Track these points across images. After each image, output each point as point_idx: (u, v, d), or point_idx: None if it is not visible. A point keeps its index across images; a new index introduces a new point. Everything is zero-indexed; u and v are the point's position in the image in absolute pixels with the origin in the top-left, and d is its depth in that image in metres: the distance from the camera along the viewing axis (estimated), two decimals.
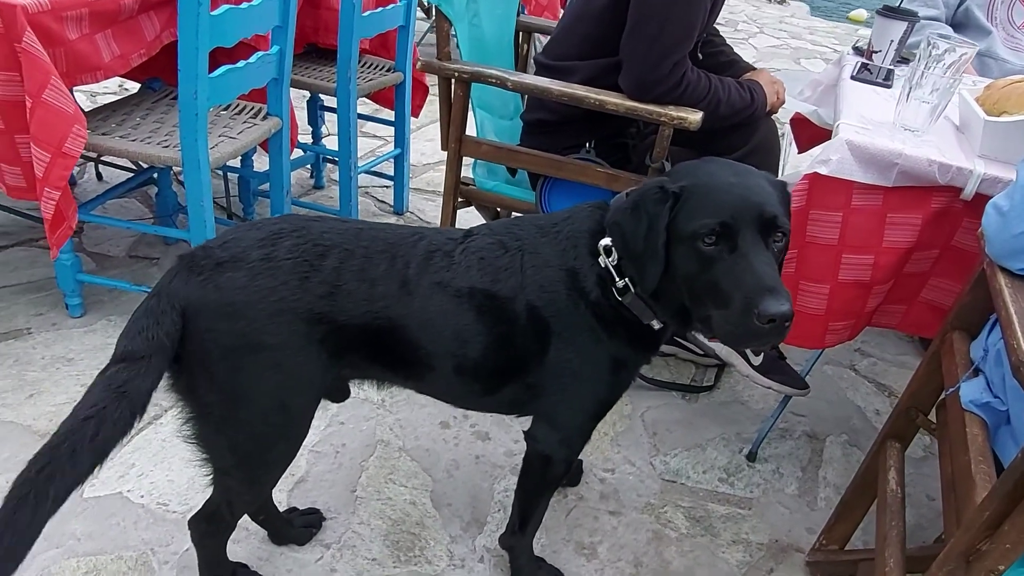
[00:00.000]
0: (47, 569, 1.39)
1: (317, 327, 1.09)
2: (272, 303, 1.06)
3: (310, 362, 1.11)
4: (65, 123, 1.58)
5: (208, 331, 1.06)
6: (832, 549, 1.55)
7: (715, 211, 1.00)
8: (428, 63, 1.78)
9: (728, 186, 1.03)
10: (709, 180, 1.05)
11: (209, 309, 1.05)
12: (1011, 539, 0.80)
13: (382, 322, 1.12)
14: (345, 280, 1.10)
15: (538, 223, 1.22)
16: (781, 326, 0.96)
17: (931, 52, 1.39)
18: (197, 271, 1.06)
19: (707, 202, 1.02)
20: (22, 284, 2.21)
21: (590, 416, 1.29)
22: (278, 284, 1.07)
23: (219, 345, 1.06)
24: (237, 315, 1.05)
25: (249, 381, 1.09)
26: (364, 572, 1.47)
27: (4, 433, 1.68)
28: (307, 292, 1.08)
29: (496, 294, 1.15)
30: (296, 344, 1.09)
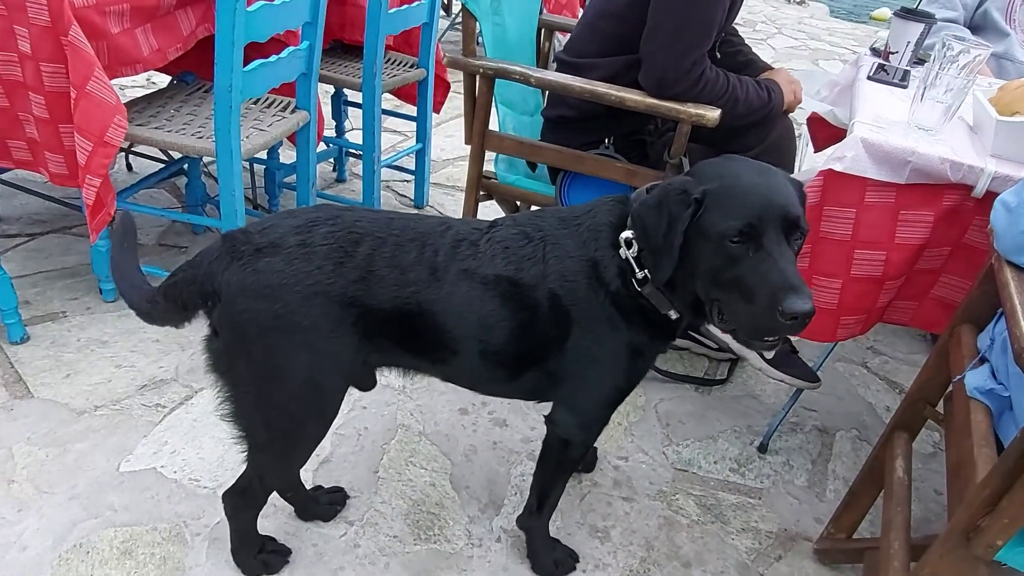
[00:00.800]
0: (87, 537, 1.46)
1: (349, 310, 1.15)
2: (307, 286, 1.12)
3: (342, 344, 1.17)
4: (107, 113, 1.64)
5: (245, 312, 1.12)
6: (840, 538, 1.59)
7: (742, 212, 1.05)
8: (455, 59, 1.83)
9: (754, 187, 1.08)
10: (735, 181, 1.09)
11: (247, 291, 1.11)
12: (1009, 514, 0.84)
13: (411, 307, 1.18)
14: (377, 266, 1.16)
15: (560, 215, 1.26)
16: (802, 322, 1.01)
17: (945, 53, 1.42)
18: (237, 256, 1.13)
19: (734, 203, 1.06)
20: (56, 270, 2.29)
21: (608, 402, 1.34)
22: (313, 269, 1.12)
23: (257, 325, 1.12)
24: (274, 297, 1.11)
25: (284, 360, 1.15)
26: (386, 548, 1.52)
27: (44, 410, 1.75)
28: (341, 277, 1.13)
29: (519, 281, 1.19)
30: (329, 326, 1.14)
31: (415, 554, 1.52)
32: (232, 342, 1.15)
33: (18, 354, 1.92)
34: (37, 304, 2.12)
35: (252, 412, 1.22)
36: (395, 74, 2.62)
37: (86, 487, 1.57)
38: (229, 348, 1.16)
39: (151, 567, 1.42)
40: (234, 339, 1.15)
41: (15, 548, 1.42)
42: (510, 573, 1.51)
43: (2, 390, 1.80)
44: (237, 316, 1.13)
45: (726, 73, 1.72)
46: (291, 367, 1.16)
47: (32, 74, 1.71)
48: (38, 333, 2.00)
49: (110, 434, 1.71)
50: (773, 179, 1.10)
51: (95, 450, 1.66)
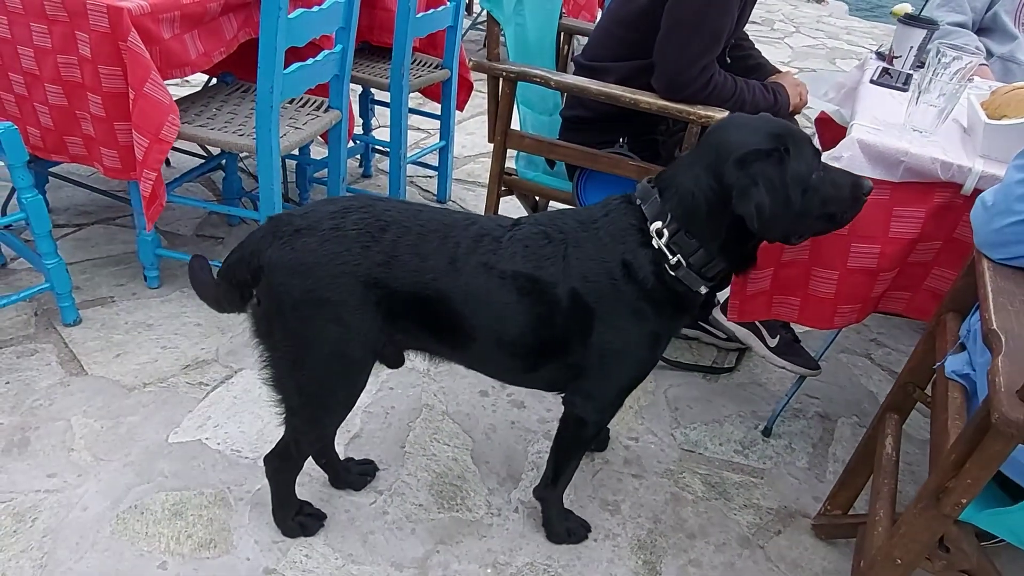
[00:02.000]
0: (141, 500, 1.60)
1: (373, 290, 1.26)
2: (337, 266, 1.24)
3: (366, 320, 1.28)
4: (162, 113, 1.79)
5: (282, 285, 1.25)
6: (836, 514, 1.70)
7: (811, 146, 1.28)
8: (479, 63, 1.95)
9: (783, 126, 1.28)
10: (771, 129, 1.27)
11: (285, 267, 1.25)
12: (972, 475, 0.95)
13: (431, 293, 1.29)
14: (400, 252, 1.27)
15: (579, 218, 1.35)
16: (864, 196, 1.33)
17: (939, 60, 1.52)
18: (279, 236, 1.26)
19: (798, 143, 1.25)
20: (103, 258, 2.44)
21: (626, 388, 1.46)
22: (343, 250, 1.24)
23: (291, 297, 1.25)
24: (307, 273, 1.24)
25: (314, 330, 1.28)
26: (412, 515, 1.65)
27: (99, 386, 1.90)
28: (367, 259, 1.25)
29: (538, 279, 1.29)
30: (354, 303, 1.26)
31: (439, 521, 1.65)
32: (270, 311, 1.29)
33: (72, 335, 2.07)
34: (87, 289, 2.27)
35: (287, 376, 1.35)
36: (420, 74, 2.74)
37: (138, 455, 1.71)
38: (268, 316, 1.30)
39: (199, 527, 1.56)
40: (272, 309, 1.28)
41: (77, 508, 1.57)
42: (526, 539, 1.64)
43: (59, 367, 1.95)
44: (275, 288, 1.26)
45: (734, 77, 1.82)
46: (320, 337, 1.28)
47: (91, 76, 1.85)
48: (89, 316, 2.15)
49: (158, 409, 1.85)
50: (768, 117, 1.33)
51: (145, 423, 1.81)
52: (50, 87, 1.94)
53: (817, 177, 1.27)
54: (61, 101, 1.96)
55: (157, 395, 1.90)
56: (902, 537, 1.07)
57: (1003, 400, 0.84)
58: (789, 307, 1.71)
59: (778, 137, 1.24)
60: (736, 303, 1.73)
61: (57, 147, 2.06)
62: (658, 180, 1.32)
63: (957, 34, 2.48)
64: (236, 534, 1.56)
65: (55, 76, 1.91)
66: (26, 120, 2.04)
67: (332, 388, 1.37)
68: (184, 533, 1.54)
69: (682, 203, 1.28)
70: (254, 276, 1.28)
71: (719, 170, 1.24)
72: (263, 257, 1.26)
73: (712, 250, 1.29)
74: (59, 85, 1.93)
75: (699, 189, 1.26)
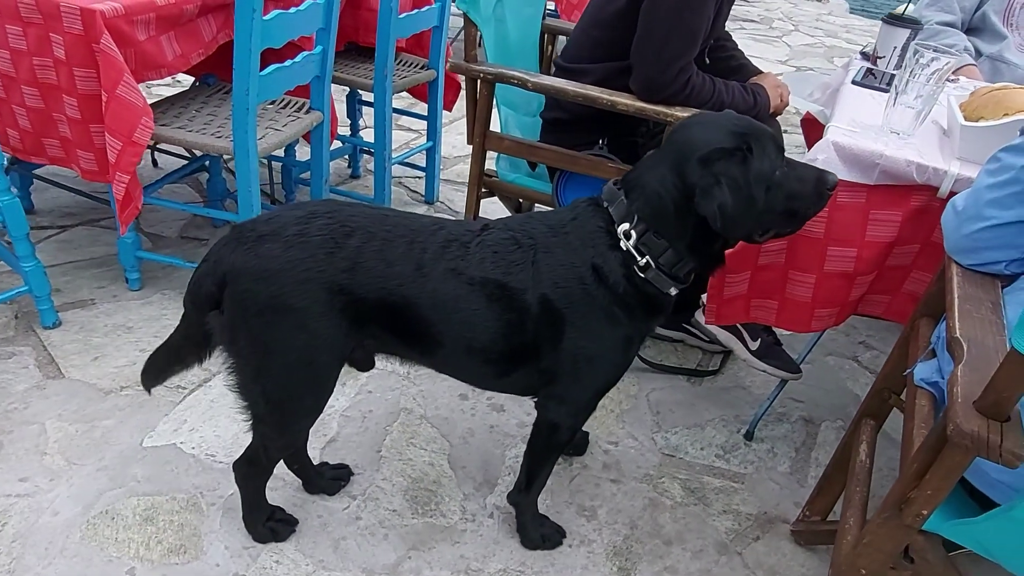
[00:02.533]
0: (112, 506, 1.59)
1: (338, 297, 1.24)
2: (300, 272, 1.22)
3: (331, 326, 1.27)
4: (135, 115, 1.78)
5: (246, 292, 1.24)
6: (814, 520, 1.68)
7: (775, 144, 1.26)
8: (456, 64, 1.94)
9: (748, 123, 1.27)
10: (734, 127, 1.25)
11: (248, 273, 1.23)
12: (932, 486, 0.93)
13: (396, 299, 1.27)
14: (365, 258, 1.25)
15: (548, 223, 1.34)
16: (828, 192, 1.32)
17: (917, 60, 1.50)
18: (243, 241, 1.25)
19: (761, 140, 1.24)
20: (85, 260, 2.44)
21: (599, 392, 1.45)
22: (306, 256, 1.23)
23: (255, 304, 1.24)
24: (270, 280, 1.22)
25: (278, 337, 1.26)
26: (385, 521, 1.64)
27: (75, 390, 1.89)
28: (331, 265, 1.23)
29: (507, 285, 1.28)
30: (319, 309, 1.24)
31: (412, 527, 1.64)
32: (234, 319, 1.27)
33: (50, 338, 2.06)
34: (67, 292, 2.26)
35: (252, 383, 1.33)
36: (406, 75, 2.73)
37: (112, 460, 1.70)
38: (232, 324, 1.28)
39: (170, 532, 1.55)
40: (236, 316, 1.26)
41: (47, 513, 1.56)
42: (500, 545, 1.62)
43: (36, 371, 1.94)
44: (239, 295, 1.24)
45: (712, 78, 1.81)
46: (284, 344, 1.27)
47: (66, 78, 1.84)
48: (68, 319, 2.14)
49: (134, 412, 1.84)
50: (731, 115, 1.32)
51: (120, 426, 1.80)
52: (27, 89, 1.94)
53: (781, 174, 1.26)
54: (38, 103, 1.95)
55: (134, 398, 1.89)
56: (866, 547, 1.05)
57: (959, 411, 0.83)
58: (767, 310, 1.70)
59: (741, 135, 1.23)
60: (713, 307, 1.71)
61: (36, 149, 2.05)
62: (624, 182, 1.31)
63: (946, 34, 2.46)
64: (207, 540, 1.55)
65: (31, 78, 1.91)
66: (5, 122, 2.03)
67: (298, 395, 1.35)
68: (154, 539, 1.53)
69: (648, 203, 1.26)
70: (219, 286, 1.26)
71: (683, 169, 1.22)
72: (226, 264, 1.24)
73: (680, 250, 1.28)
74: (35, 87, 1.92)
75: (664, 189, 1.25)
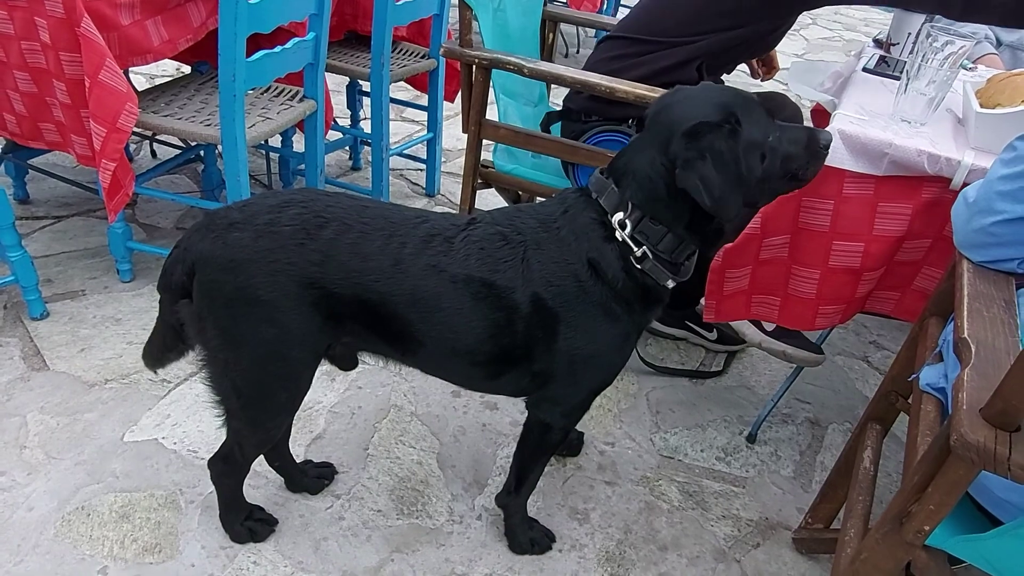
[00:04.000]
0: (88, 502, 1.55)
1: (309, 291, 1.18)
2: (269, 263, 1.16)
3: (303, 321, 1.20)
4: (119, 101, 1.73)
5: (213, 281, 1.18)
6: (817, 528, 1.60)
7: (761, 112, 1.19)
8: (450, 49, 1.87)
9: (730, 93, 1.20)
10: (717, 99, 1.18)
11: (215, 262, 1.17)
12: (935, 501, 0.85)
13: (372, 295, 1.20)
14: (337, 251, 1.18)
15: (538, 217, 1.26)
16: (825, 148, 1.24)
17: (930, 44, 1.41)
18: (213, 229, 1.19)
19: (750, 111, 1.18)
20: (79, 250, 2.40)
21: (594, 392, 1.38)
22: (276, 247, 1.16)
23: (222, 295, 1.18)
24: (238, 270, 1.16)
25: (246, 330, 1.20)
26: (369, 522, 1.59)
27: (58, 382, 1.86)
28: (301, 257, 1.17)
29: (494, 283, 1.20)
30: (289, 303, 1.18)
31: (396, 528, 1.58)
32: (202, 308, 1.21)
33: (38, 329, 2.03)
34: (59, 282, 2.23)
35: (222, 377, 1.28)
36: (406, 64, 2.67)
37: (92, 454, 1.66)
38: (200, 314, 1.22)
39: (146, 530, 1.51)
40: (203, 306, 1.21)
41: (23, 508, 1.52)
42: (487, 549, 1.56)
43: (21, 362, 1.91)
44: (205, 284, 1.19)
45: None
46: (253, 337, 1.21)
47: (54, 62, 1.80)
48: (57, 310, 2.11)
49: (117, 406, 1.80)
50: (712, 87, 1.23)
51: (103, 420, 1.76)
52: (19, 74, 1.90)
53: (774, 139, 1.20)
54: (30, 88, 1.91)
55: (118, 392, 1.85)
56: (864, 563, 0.98)
57: (964, 419, 0.75)
58: (769, 307, 1.62)
59: (726, 106, 1.16)
60: (713, 303, 1.63)
61: (33, 133, 2.02)
62: (611, 170, 1.23)
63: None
64: (183, 539, 1.50)
65: (21, 63, 1.87)
66: (2, 107, 2.00)
67: (271, 390, 1.30)
68: (129, 537, 1.49)
69: (641, 189, 1.19)
70: (189, 274, 1.20)
71: (672, 148, 1.15)
72: (195, 252, 1.19)
73: (680, 233, 1.21)
74: (26, 72, 1.88)
75: (655, 172, 1.17)
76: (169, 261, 1.24)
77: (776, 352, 1.87)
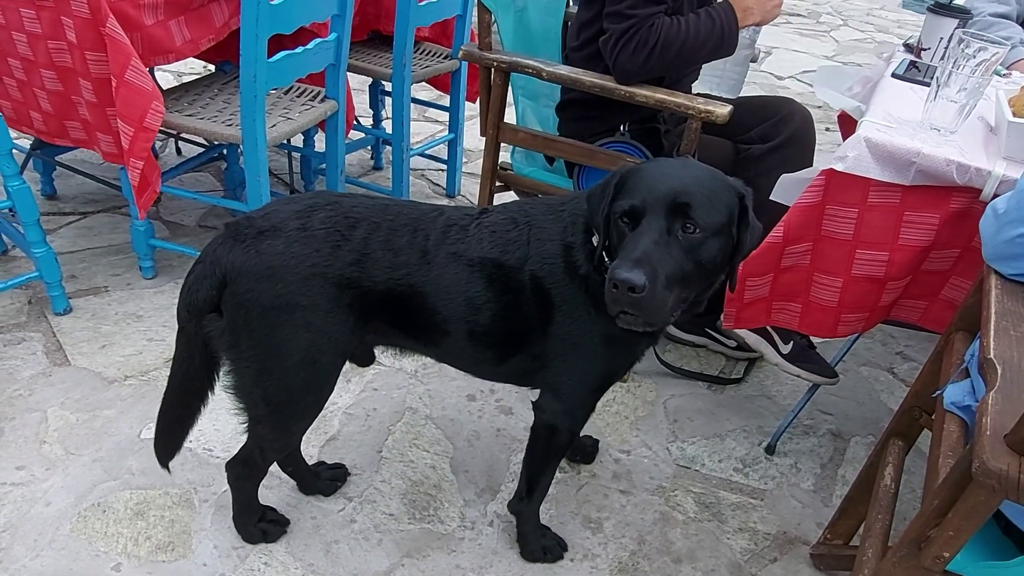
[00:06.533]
0: (105, 499, 1.57)
1: (346, 291, 1.21)
2: (306, 268, 1.18)
3: (338, 323, 1.22)
4: (145, 100, 1.75)
5: (249, 291, 1.18)
6: (836, 544, 1.57)
7: (631, 195, 1.10)
8: (469, 52, 1.86)
9: (653, 175, 1.11)
10: (644, 170, 1.14)
11: (250, 272, 1.18)
12: (954, 526, 0.82)
13: (403, 288, 1.23)
14: (372, 249, 1.21)
15: (550, 202, 1.30)
16: (624, 294, 1.02)
17: (962, 49, 1.37)
18: (241, 239, 1.19)
19: (630, 187, 1.11)
20: (103, 247, 2.44)
21: (592, 389, 1.37)
22: (312, 251, 1.18)
23: (259, 304, 1.19)
24: (275, 278, 1.17)
25: (283, 337, 1.21)
26: (380, 525, 1.58)
27: (80, 378, 1.88)
28: (338, 259, 1.19)
29: (504, 264, 1.24)
30: (326, 306, 1.20)
31: (408, 532, 1.58)
32: (236, 321, 1.21)
33: (61, 324, 2.06)
34: (83, 278, 2.26)
35: (252, 386, 1.28)
36: (428, 65, 2.66)
37: (109, 451, 1.68)
38: (233, 326, 1.22)
39: (160, 528, 1.52)
40: (238, 318, 1.21)
41: (40, 503, 1.54)
42: (499, 556, 1.55)
43: (43, 357, 1.94)
44: (241, 296, 1.19)
45: (677, 22, 1.66)
46: (290, 344, 1.22)
47: (80, 61, 1.83)
48: (81, 306, 2.14)
49: (136, 403, 1.82)
50: (680, 172, 1.11)
51: (121, 417, 1.77)
52: (45, 72, 1.93)
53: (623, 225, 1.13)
54: (57, 86, 1.94)
55: (137, 388, 1.87)
56: None
57: (986, 445, 0.72)
58: (789, 314, 1.59)
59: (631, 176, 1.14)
60: (732, 310, 1.60)
61: (59, 131, 2.05)
62: None
63: (1000, 25, 2.28)
64: (196, 538, 1.51)
65: (48, 62, 1.89)
66: (28, 104, 2.03)
67: (300, 395, 1.30)
68: (143, 534, 1.50)
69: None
70: (219, 288, 1.20)
71: None
72: (224, 264, 1.19)
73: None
74: (53, 70, 1.91)
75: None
76: (193, 277, 1.23)
77: (791, 373, 1.87)
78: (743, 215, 1.12)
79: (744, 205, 1.12)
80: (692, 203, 1.06)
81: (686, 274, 1.08)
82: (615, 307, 1.07)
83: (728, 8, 1.69)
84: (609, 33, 1.67)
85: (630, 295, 1.02)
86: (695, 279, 1.11)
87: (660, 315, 1.07)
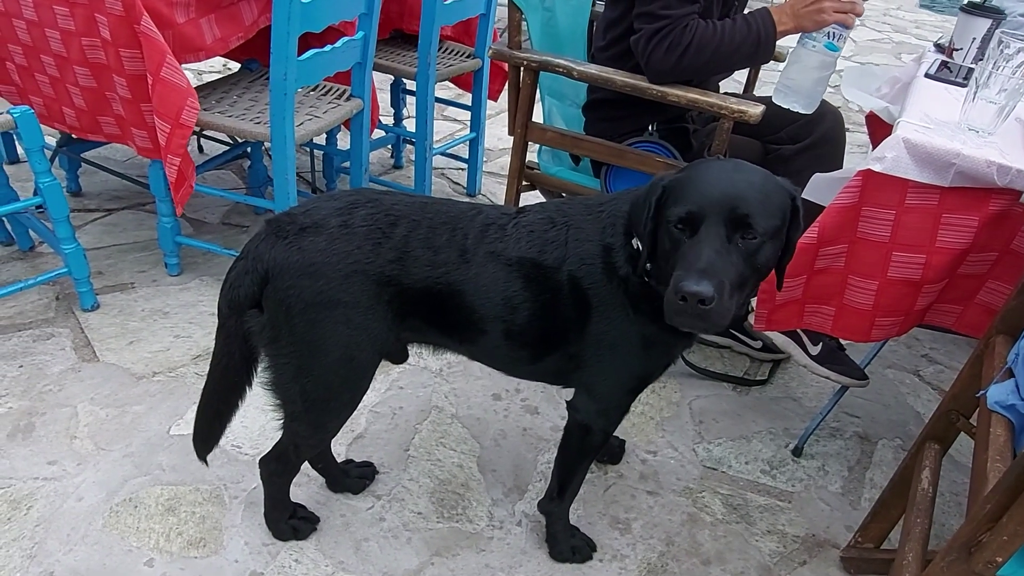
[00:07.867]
0: (136, 494, 1.58)
1: (386, 288, 1.21)
2: (348, 265, 1.18)
3: (377, 320, 1.23)
4: (181, 97, 1.76)
5: (291, 288, 1.19)
6: (867, 547, 1.55)
7: (686, 200, 1.08)
8: (499, 51, 1.86)
9: (708, 180, 1.09)
10: (696, 174, 1.12)
11: (293, 269, 1.18)
12: (1009, 531, 0.82)
13: (442, 286, 1.23)
14: (412, 247, 1.22)
15: (587, 203, 1.30)
16: (694, 306, 1.01)
17: (1001, 51, 1.36)
18: (283, 235, 1.20)
19: (684, 192, 1.09)
20: (129, 243, 2.45)
21: (627, 390, 1.36)
22: (353, 248, 1.19)
23: (301, 300, 1.19)
24: (317, 274, 1.18)
25: (323, 333, 1.22)
26: (410, 523, 1.58)
27: (108, 374, 1.89)
28: (379, 256, 1.20)
29: (542, 263, 1.24)
30: (366, 303, 1.21)
31: (437, 531, 1.58)
32: (277, 317, 1.22)
33: (88, 320, 2.07)
34: (109, 275, 2.27)
35: (291, 382, 1.28)
36: (451, 63, 2.66)
37: (139, 446, 1.69)
38: (274, 321, 1.22)
39: (191, 524, 1.52)
40: (279, 314, 1.21)
41: (72, 498, 1.55)
42: (528, 556, 1.55)
43: (72, 353, 1.95)
44: (283, 292, 1.19)
45: (714, 26, 1.65)
46: (330, 340, 1.23)
47: (114, 58, 1.84)
48: (107, 302, 2.15)
49: (164, 399, 1.83)
50: (733, 176, 1.09)
51: (150, 413, 1.78)
52: (79, 69, 1.94)
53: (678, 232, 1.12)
54: (90, 83, 1.95)
55: (165, 384, 1.88)
56: None
57: None
58: (822, 317, 1.58)
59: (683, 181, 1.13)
60: (764, 312, 1.59)
61: (92, 127, 2.06)
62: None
63: None
64: (227, 534, 1.51)
65: (82, 58, 1.90)
66: (61, 101, 2.05)
67: (338, 392, 1.31)
68: (175, 530, 1.51)
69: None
70: (260, 284, 1.20)
71: None
72: (266, 260, 1.19)
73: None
74: (87, 67, 1.92)
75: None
76: (234, 274, 1.23)
77: (820, 375, 1.86)
78: (794, 216, 1.12)
79: (796, 206, 1.11)
80: (751, 210, 1.05)
81: (744, 279, 1.08)
82: (681, 318, 1.06)
83: (766, 15, 1.67)
84: (640, 32, 1.66)
85: (699, 307, 1.01)
86: (752, 283, 1.12)
87: (724, 322, 1.06)
